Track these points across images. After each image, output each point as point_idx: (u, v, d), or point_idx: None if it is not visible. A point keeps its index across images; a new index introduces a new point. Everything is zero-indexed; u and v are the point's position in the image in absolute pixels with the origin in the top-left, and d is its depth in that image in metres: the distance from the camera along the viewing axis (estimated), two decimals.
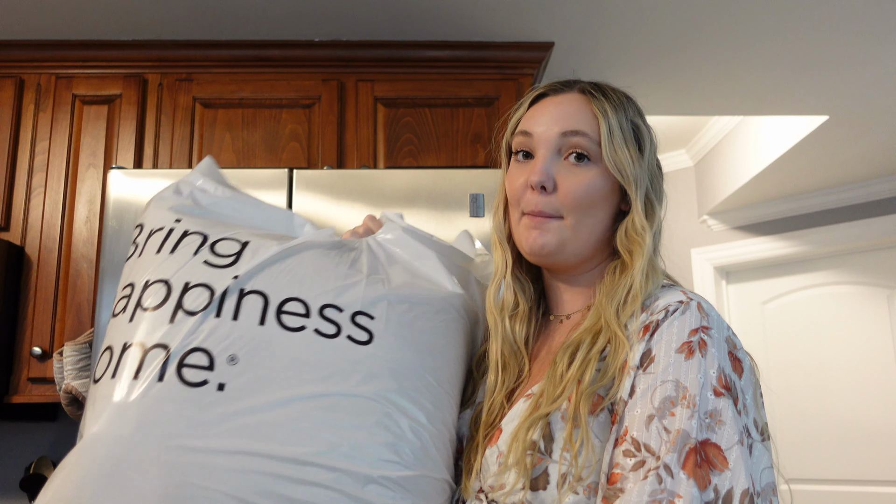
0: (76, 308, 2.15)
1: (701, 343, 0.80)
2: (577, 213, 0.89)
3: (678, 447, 0.74)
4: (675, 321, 0.82)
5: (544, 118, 0.92)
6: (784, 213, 3.71)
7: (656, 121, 3.56)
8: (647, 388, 0.78)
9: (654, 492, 0.72)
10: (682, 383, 0.77)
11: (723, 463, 0.74)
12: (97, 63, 2.35)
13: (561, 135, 0.90)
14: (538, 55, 2.42)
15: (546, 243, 0.89)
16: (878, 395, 3.44)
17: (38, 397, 2.11)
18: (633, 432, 0.77)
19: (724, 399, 0.77)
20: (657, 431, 0.75)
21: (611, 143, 0.90)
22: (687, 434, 0.74)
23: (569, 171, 0.90)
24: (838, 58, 2.55)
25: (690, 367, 0.78)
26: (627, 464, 0.75)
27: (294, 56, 2.39)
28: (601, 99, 0.92)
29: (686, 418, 0.75)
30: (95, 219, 2.22)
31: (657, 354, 0.80)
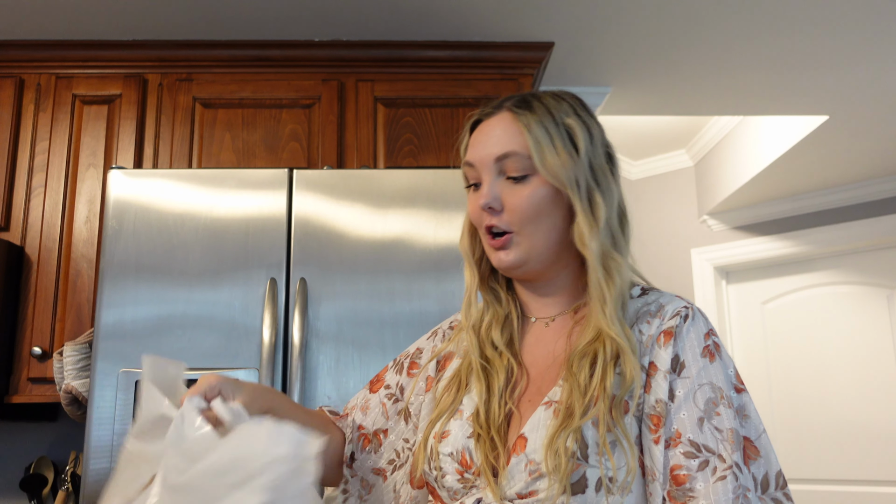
0: (76, 308, 2.15)
1: (715, 346, 0.90)
2: (526, 225, 0.95)
3: (738, 444, 0.84)
4: (691, 327, 0.91)
5: (479, 146, 0.98)
6: (784, 213, 3.71)
7: (656, 121, 3.58)
8: (688, 392, 0.87)
9: (735, 488, 0.83)
10: (716, 384, 0.87)
11: (755, 452, 0.86)
12: (97, 63, 2.35)
13: (496, 160, 0.96)
14: (538, 55, 2.42)
15: (511, 259, 0.96)
16: (878, 395, 3.44)
17: (38, 397, 2.11)
18: (687, 434, 0.85)
19: (745, 394, 0.89)
20: (710, 432, 0.85)
21: (539, 154, 0.94)
22: (737, 432, 0.85)
23: (511, 188, 0.95)
24: (838, 58, 2.55)
25: (716, 369, 0.89)
26: (692, 465, 0.84)
27: (294, 56, 2.39)
28: (525, 113, 0.97)
29: (731, 417, 0.86)
30: (95, 219, 2.22)
31: (686, 360, 0.89)
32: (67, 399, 1.95)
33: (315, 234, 1.87)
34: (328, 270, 1.84)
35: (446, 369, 1.05)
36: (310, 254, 1.85)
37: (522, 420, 0.92)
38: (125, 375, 1.74)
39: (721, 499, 0.82)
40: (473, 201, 0.99)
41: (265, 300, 1.79)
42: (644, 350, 0.91)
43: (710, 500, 0.82)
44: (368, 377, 1.78)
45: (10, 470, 2.38)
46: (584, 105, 1.01)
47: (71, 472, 2.25)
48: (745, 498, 0.83)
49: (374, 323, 1.81)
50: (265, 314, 1.77)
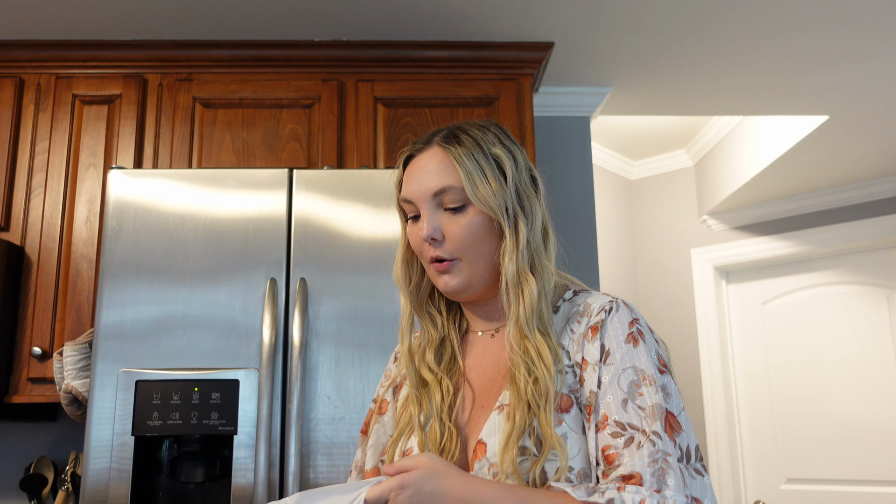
0: (76, 308, 2.15)
1: (639, 332, 0.97)
2: (467, 252, 1.02)
3: (658, 416, 0.90)
4: (615, 318, 0.98)
5: (415, 182, 1.04)
6: (784, 213, 3.71)
7: (656, 121, 3.58)
8: (612, 378, 0.94)
9: (652, 453, 0.88)
10: (639, 367, 0.94)
11: (678, 426, 0.91)
12: (97, 63, 2.35)
13: (433, 195, 1.02)
14: (538, 55, 2.42)
15: (457, 284, 1.03)
16: (878, 395, 3.44)
17: (38, 397, 2.11)
18: (613, 416, 0.92)
19: (667, 375, 0.95)
20: (634, 410, 0.91)
21: (472, 186, 1.00)
22: (660, 406, 0.91)
23: (449, 219, 1.02)
24: (838, 58, 2.55)
25: (639, 352, 0.95)
26: (619, 443, 0.90)
27: (294, 56, 2.39)
28: (455, 147, 1.03)
29: (654, 394, 0.92)
30: (95, 219, 2.22)
31: (610, 348, 0.96)
32: (67, 399, 1.95)
33: (315, 234, 1.87)
34: (328, 270, 1.84)
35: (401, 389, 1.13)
36: (310, 254, 1.85)
37: (479, 426, 1.00)
38: (125, 375, 1.74)
39: (637, 463, 0.87)
40: (414, 233, 1.05)
41: (265, 300, 1.79)
42: (577, 347, 0.99)
43: (628, 467, 0.87)
44: (368, 377, 1.78)
45: (10, 470, 2.38)
46: (508, 133, 1.08)
47: (71, 472, 2.25)
48: (664, 461, 0.87)
49: (374, 323, 1.81)
50: (265, 314, 1.77)
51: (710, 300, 3.80)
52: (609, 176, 3.93)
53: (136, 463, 1.71)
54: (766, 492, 3.62)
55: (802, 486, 3.52)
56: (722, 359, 3.76)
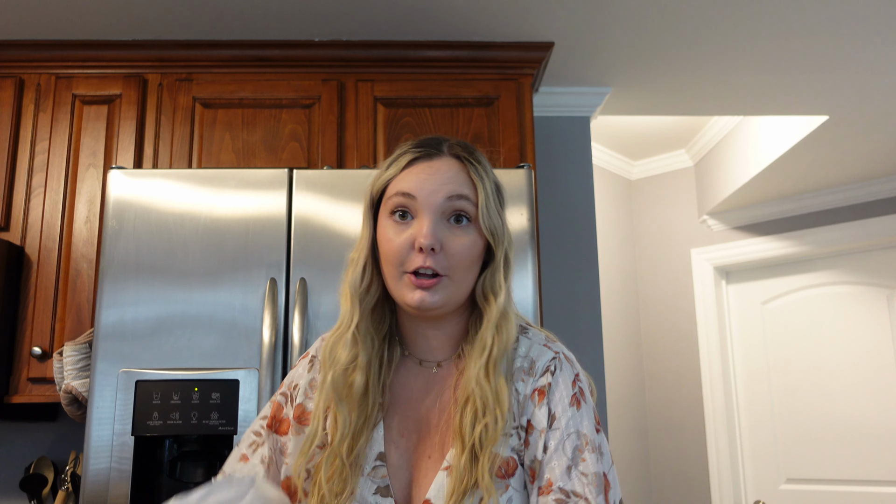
0: (76, 308, 2.15)
1: (580, 391, 0.98)
2: (461, 271, 0.98)
3: (599, 486, 0.92)
4: (559, 379, 0.98)
5: (427, 182, 0.98)
6: (784, 213, 3.71)
7: (656, 121, 3.58)
8: (557, 443, 0.94)
9: None
10: (582, 431, 0.95)
11: (608, 485, 0.93)
12: (97, 63, 2.35)
13: (447, 199, 0.98)
14: (538, 55, 2.42)
15: (434, 301, 0.96)
16: (878, 395, 3.44)
17: (38, 397, 2.11)
18: (558, 483, 0.92)
19: (601, 434, 0.97)
20: (577, 477, 0.93)
21: (487, 209, 0.99)
22: (598, 473, 0.93)
23: (452, 232, 0.98)
24: (838, 58, 2.55)
25: (582, 415, 0.96)
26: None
27: (294, 56, 2.39)
28: (475, 165, 1.01)
29: (595, 461, 0.94)
30: (95, 219, 2.22)
31: (556, 412, 0.96)
32: (67, 399, 1.95)
33: (315, 234, 1.87)
34: (328, 270, 1.84)
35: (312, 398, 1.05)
36: (310, 254, 1.85)
37: (425, 481, 0.97)
38: (125, 375, 1.74)
39: None
40: (397, 233, 0.98)
41: (265, 300, 1.79)
42: (521, 409, 0.97)
43: None
44: None
45: (10, 470, 2.38)
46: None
47: (71, 472, 2.25)
48: None
49: None
50: (265, 314, 1.77)
51: (710, 300, 3.80)
52: (609, 176, 3.93)
53: (136, 463, 1.71)
54: (766, 492, 3.62)
55: (802, 486, 3.52)
56: (722, 359, 3.76)
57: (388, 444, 1.00)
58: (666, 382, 3.84)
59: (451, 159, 1.02)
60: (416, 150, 1.03)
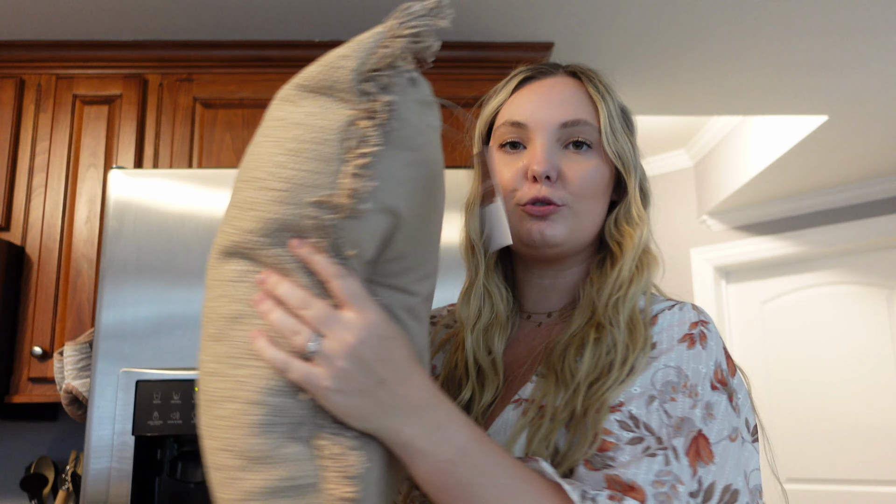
0: (76, 308, 2.15)
1: (702, 335, 0.78)
2: (583, 201, 0.85)
3: (684, 432, 0.71)
4: (675, 314, 0.80)
5: (539, 106, 0.87)
6: (784, 213, 3.71)
7: (656, 121, 3.57)
8: (646, 369, 0.75)
9: (661, 472, 0.69)
10: (685, 371, 0.75)
11: (709, 456, 0.71)
12: (97, 63, 2.35)
13: (561, 125, 0.85)
14: (538, 55, 2.42)
15: (554, 234, 0.84)
16: (878, 395, 3.44)
17: (38, 397, 2.11)
18: (630, 407, 0.73)
19: (718, 393, 0.75)
20: (658, 413, 0.72)
21: (611, 130, 0.86)
22: (692, 422, 0.72)
23: (571, 159, 0.85)
24: (838, 58, 2.55)
25: (692, 357, 0.76)
26: (624, 436, 0.72)
27: (294, 56, 2.38)
28: (595, 82, 0.89)
29: (689, 407, 0.72)
30: (96, 219, 2.22)
31: (659, 342, 0.77)
32: (67, 399, 1.95)
33: None
34: None
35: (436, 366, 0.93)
36: None
37: (490, 421, 0.83)
38: (125, 375, 1.74)
39: (641, 474, 0.68)
40: (512, 164, 0.86)
41: None
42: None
43: (628, 473, 0.69)
44: None
45: (10, 470, 2.38)
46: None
47: (71, 472, 2.25)
48: (673, 488, 0.68)
49: None
50: None
51: (709, 300, 3.80)
52: None
53: (137, 463, 1.71)
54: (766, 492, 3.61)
55: (802, 485, 3.52)
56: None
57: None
58: None
59: (566, 77, 0.90)
60: (526, 69, 0.92)
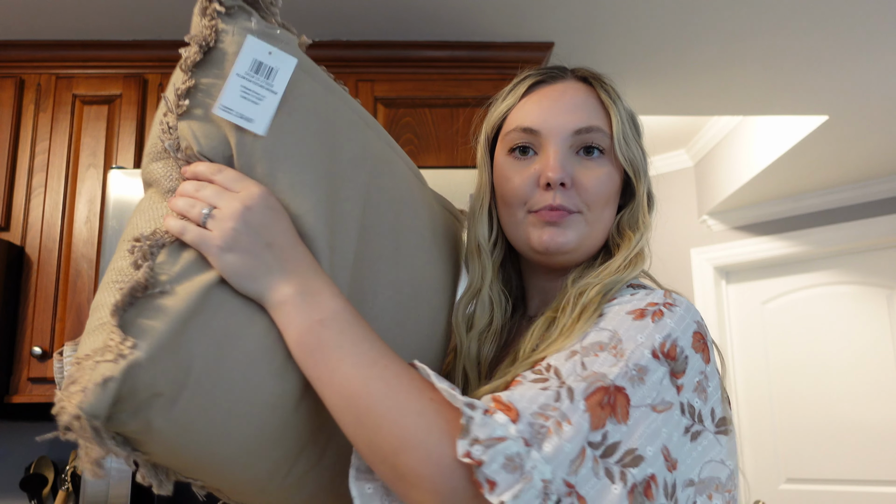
0: (76, 308, 2.15)
1: (657, 312, 0.75)
2: (596, 208, 0.85)
3: (589, 381, 0.68)
4: (637, 295, 0.79)
5: (551, 112, 0.86)
6: (784, 213, 3.71)
7: (656, 121, 3.58)
8: (582, 334, 0.74)
9: (546, 406, 0.66)
10: (619, 335, 0.72)
11: (623, 416, 0.67)
12: (97, 63, 2.35)
13: (575, 132, 0.85)
14: (538, 55, 2.42)
15: (566, 241, 0.84)
16: (878, 395, 3.44)
17: (38, 397, 2.11)
18: (549, 360, 0.72)
19: (658, 363, 0.71)
20: (573, 364, 0.70)
21: (623, 137, 0.86)
22: (604, 375, 0.69)
23: (584, 165, 0.85)
24: (838, 58, 2.55)
25: (635, 326, 0.73)
26: (529, 376, 0.71)
27: None
28: (607, 88, 0.89)
29: (609, 365, 0.69)
30: (96, 219, 2.22)
31: (606, 314, 0.77)
32: None
33: None
34: None
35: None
36: None
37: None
38: None
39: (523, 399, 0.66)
40: (518, 172, 0.86)
41: None
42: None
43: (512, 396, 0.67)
44: None
45: (10, 470, 2.38)
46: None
47: (71, 472, 2.25)
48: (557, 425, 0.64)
49: None
50: None
51: (709, 300, 3.80)
52: None
53: None
54: (766, 492, 3.61)
55: (802, 486, 3.52)
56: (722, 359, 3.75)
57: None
58: None
59: (576, 83, 0.90)
60: (535, 73, 0.92)
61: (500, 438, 0.62)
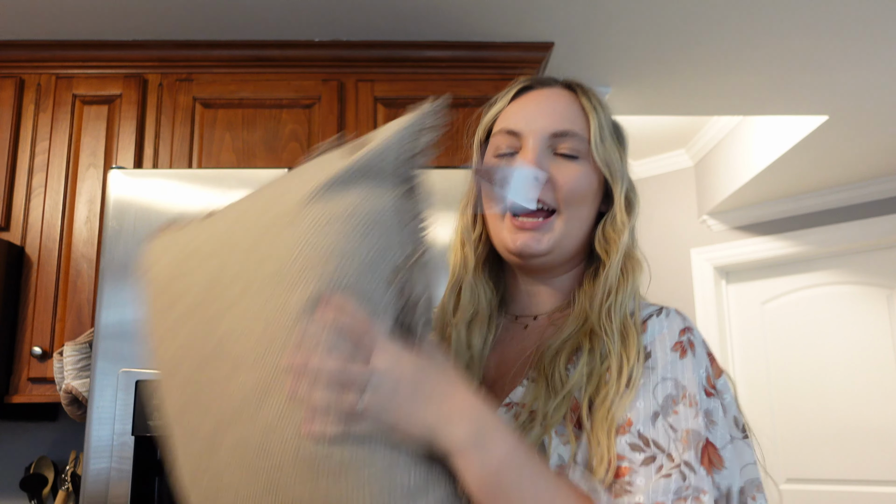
0: (76, 308, 2.15)
1: (690, 343, 0.80)
2: (571, 206, 0.88)
3: (692, 444, 0.73)
4: (663, 320, 0.82)
5: (532, 115, 0.90)
6: (784, 213, 3.71)
7: (656, 121, 3.57)
8: (647, 383, 0.77)
9: (680, 489, 0.71)
10: (681, 382, 0.77)
11: (720, 461, 0.76)
12: (97, 63, 2.35)
13: (552, 135, 0.89)
14: (538, 55, 2.42)
15: (540, 248, 0.87)
16: (878, 395, 3.44)
17: (38, 397, 2.11)
18: (638, 426, 0.75)
19: (714, 399, 0.79)
20: (664, 429, 0.74)
21: (601, 140, 0.89)
22: (698, 433, 0.75)
23: (561, 164, 0.88)
24: (838, 58, 2.55)
25: (686, 366, 0.78)
26: (636, 458, 0.73)
27: (294, 56, 2.39)
28: (590, 95, 0.92)
29: (692, 417, 0.75)
30: (95, 219, 2.22)
31: (653, 350, 0.80)
32: (67, 399, 1.95)
33: None
34: None
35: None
36: None
37: None
38: (125, 375, 1.74)
39: (661, 497, 0.71)
40: None
41: None
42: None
43: (649, 497, 0.71)
44: None
45: (10, 470, 2.38)
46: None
47: (71, 472, 2.25)
48: (696, 500, 0.71)
49: None
50: None
51: (709, 300, 3.80)
52: None
53: (136, 463, 1.71)
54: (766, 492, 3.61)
55: (802, 486, 3.52)
56: (722, 359, 3.75)
57: None
58: None
59: (562, 89, 0.93)
60: (526, 80, 0.96)
61: None
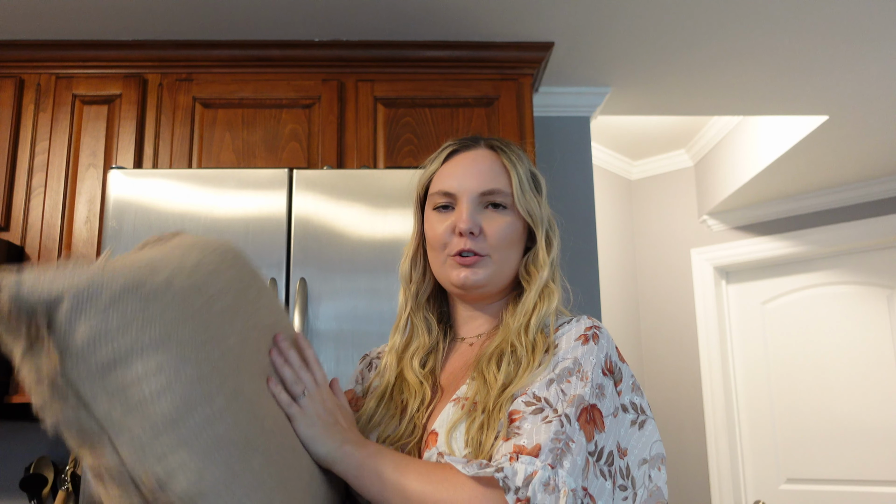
0: None
1: (594, 336, 0.98)
2: (501, 251, 1.05)
3: (575, 405, 0.90)
4: (574, 324, 1.00)
5: (463, 177, 1.07)
6: (784, 213, 3.71)
7: (656, 121, 3.58)
8: (549, 364, 0.95)
9: (558, 433, 0.87)
10: (579, 360, 0.95)
11: (601, 426, 0.91)
12: (97, 63, 2.36)
13: (481, 194, 1.06)
14: (538, 55, 2.42)
15: (477, 279, 1.04)
16: (878, 395, 3.44)
17: None
18: (533, 389, 0.92)
19: (608, 378, 0.96)
20: (555, 391, 0.92)
21: (521, 192, 1.07)
22: (582, 397, 0.91)
23: (490, 217, 1.06)
24: (838, 58, 2.55)
25: (587, 350, 0.96)
26: (527, 410, 0.90)
27: (294, 56, 2.39)
28: (508, 153, 1.09)
29: (581, 387, 0.92)
30: (95, 219, 2.22)
31: (560, 343, 0.98)
32: None
33: (315, 234, 1.86)
34: (328, 270, 1.84)
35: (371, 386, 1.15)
36: (310, 254, 1.85)
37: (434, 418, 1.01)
38: None
39: (540, 435, 0.86)
40: (442, 224, 1.07)
41: None
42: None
43: (531, 438, 0.86)
44: None
45: (10, 470, 2.38)
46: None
47: (71, 472, 2.25)
48: (567, 444, 0.86)
49: (374, 322, 1.81)
50: None
51: (709, 300, 3.80)
52: (609, 176, 3.93)
53: None
54: (766, 492, 3.62)
55: (802, 486, 3.52)
56: (722, 359, 3.76)
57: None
58: (666, 382, 3.84)
59: (485, 150, 1.10)
60: (454, 143, 1.13)
61: (532, 474, 0.83)
